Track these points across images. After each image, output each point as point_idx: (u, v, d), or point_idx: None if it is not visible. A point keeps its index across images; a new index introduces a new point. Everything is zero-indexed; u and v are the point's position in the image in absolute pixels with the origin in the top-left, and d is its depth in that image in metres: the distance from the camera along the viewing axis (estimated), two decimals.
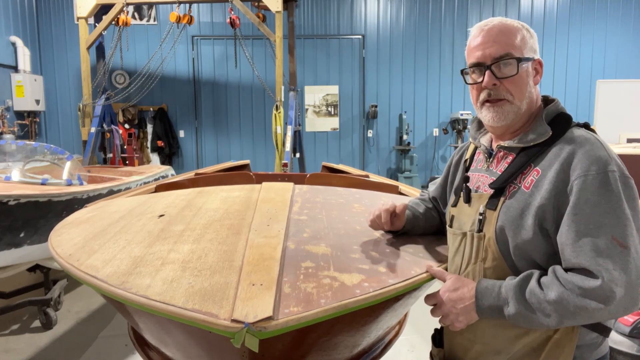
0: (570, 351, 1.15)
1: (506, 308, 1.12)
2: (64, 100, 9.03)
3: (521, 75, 1.21)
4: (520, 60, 1.20)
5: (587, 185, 1.07)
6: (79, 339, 3.53)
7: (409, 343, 3.38)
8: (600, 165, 1.09)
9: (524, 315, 1.10)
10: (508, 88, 1.22)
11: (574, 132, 1.19)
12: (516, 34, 1.22)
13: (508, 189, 1.21)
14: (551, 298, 1.06)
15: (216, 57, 9.05)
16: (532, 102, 1.26)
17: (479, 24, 1.26)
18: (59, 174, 3.92)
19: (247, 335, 0.93)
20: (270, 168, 8.87)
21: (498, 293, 1.14)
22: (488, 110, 1.25)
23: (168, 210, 1.92)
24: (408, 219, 1.60)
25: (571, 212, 1.08)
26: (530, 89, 1.24)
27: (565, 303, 1.04)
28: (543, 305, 1.07)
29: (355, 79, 9.24)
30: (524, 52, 1.22)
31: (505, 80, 1.21)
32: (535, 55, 1.25)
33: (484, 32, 1.23)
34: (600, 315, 1.04)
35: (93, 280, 1.23)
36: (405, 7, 9.13)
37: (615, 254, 1.03)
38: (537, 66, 1.26)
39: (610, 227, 1.05)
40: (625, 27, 9.13)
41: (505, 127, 1.26)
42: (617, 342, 2.51)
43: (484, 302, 1.16)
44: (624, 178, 1.10)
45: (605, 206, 1.06)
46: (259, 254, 1.29)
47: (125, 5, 7.03)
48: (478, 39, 1.24)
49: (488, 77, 1.21)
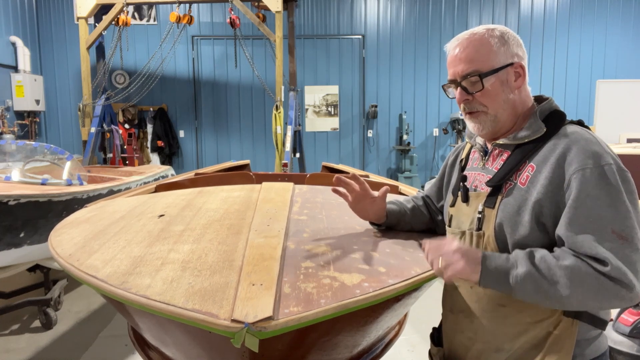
0: (570, 347, 1.15)
1: (514, 270, 1.09)
2: (64, 100, 9.03)
3: (491, 88, 1.24)
4: (485, 75, 1.23)
5: (586, 178, 1.08)
6: (79, 339, 3.53)
7: (409, 343, 3.38)
8: (596, 159, 1.10)
9: (533, 278, 1.07)
10: (480, 101, 1.26)
11: (567, 128, 1.20)
12: (483, 47, 1.24)
13: (505, 186, 1.22)
14: (564, 264, 1.05)
15: (216, 57, 9.05)
16: (516, 105, 1.27)
17: (451, 40, 1.31)
18: (59, 174, 3.92)
19: (247, 335, 0.93)
20: (270, 168, 8.87)
21: (506, 258, 1.13)
22: (469, 120, 1.32)
23: (168, 210, 1.92)
24: (393, 213, 1.60)
25: (572, 205, 1.09)
26: (506, 95, 1.25)
27: (577, 270, 1.04)
28: (553, 271, 1.06)
29: (355, 79, 9.24)
30: (494, 63, 1.23)
31: (477, 94, 1.25)
32: (513, 59, 1.25)
33: (454, 49, 1.29)
34: (608, 291, 1.03)
35: (93, 280, 1.23)
36: (405, 7, 9.13)
37: (617, 247, 1.04)
38: (518, 69, 1.26)
39: (611, 220, 1.05)
40: (625, 27, 9.13)
41: (489, 133, 1.30)
42: (617, 342, 2.51)
43: (491, 263, 1.12)
44: (621, 171, 1.11)
45: (605, 199, 1.07)
46: (259, 254, 1.29)
47: (125, 5, 7.03)
48: (450, 56, 1.30)
49: (459, 95, 1.28)
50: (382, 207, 1.59)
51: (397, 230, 1.65)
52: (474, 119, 1.29)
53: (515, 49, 1.26)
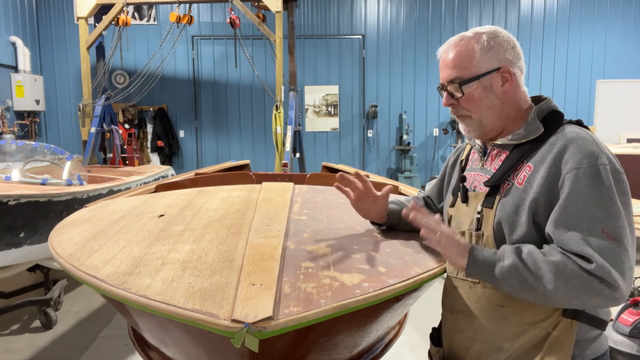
0: (570, 347, 1.16)
1: (500, 262, 1.13)
2: (64, 100, 9.03)
3: (473, 94, 1.27)
4: (466, 82, 1.26)
5: (579, 178, 1.09)
6: (79, 339, 3.53)
7: (409, 343, 3.38)
8: (592, 159, 1.10)
9: (517, 271, 1.09)
10: (464, 106, 1.30)
11: (565, 128, 1.20)
12: (465, 54, 1.27)
13: (503, 186, 1.23)
14: (550, 259, 1.07)
15: (216, 57, 9.05)
16: (504, 110, 1.28)
17: (442, 45, 1.35)
18: (59, 174, 3.92)
19: (247, 335, 0.93)
20: (270, 168, 8.87)
21: (494, 251, 1.17)
22: (459, 122, 1.37)
23: (168, 210, 1.92)
24: (395, 212, 1.61)
25: (562, 204, 1.09)
26: (491, 101, 1.27)
27: (562, 266, 1.06)
28: (539, 265, 1.08)
29: (355, 79, 9.24)
30: (475, 70, 1.25)
31: (461, 99, 1.29)
32: (500, 64, 1.25)
33: (441, 55, 1.33)
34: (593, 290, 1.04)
35: (93, 280, 1.23)
36: (405, 7, 9.13)
37: (606, 246, 1.04)
38: (505, 74, 1.26)
39: (601, 220, 1.06)
40: (625, 27, 9.13)
41: (478, 135, 1.34)
42: (617, 342, 2.51)
43: (479, 253, 1.17)
44: (615, 172, 1.11)
45: (596, 199, 1.07)
46: (259, 254, 1.29)
47: (125, 5, 7.03)
48: (440, 61, 1.34)
49: (445, 99, 1.34)
50: (384, 207, 1.58)
51: (397, 230, 1.65)
52: (462, 122, 1.35)
53: (503, 54, 1.26)
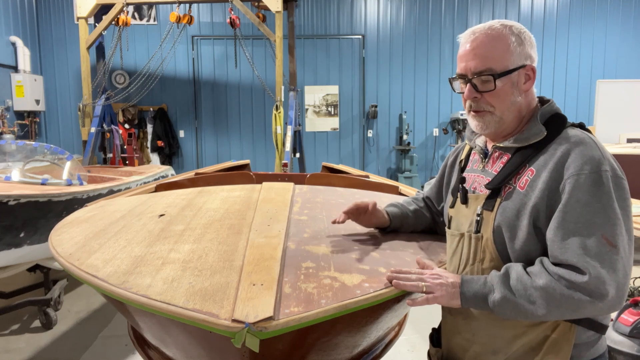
0: (568, 350, 1.15)
1: (491, 295, 1.12)
2: (64, 100, 9.03)
3: (502, 89, 1.21)
4: (499, 76, 1.19)
5: (580, 184, 1.08)
6: (79, 339, 3.53)
7: (409, 343, 3.38)
8: (594, 164, 1.09)
9: (509, 302, 1.10)
10: (489, 100, 1.22)
11: (568, 132, 1.19)
12: (500, 45, 1.20)
13: (504, 190, 1.22)
14: (538, 284, 1.07)
15: (216, 57, 9.05)
16: (521, 108, 1.25)
17: (467, 32, 1.26)
18: (59, 174, 3.92)
19: (248, 335, 0.93)
20: (270, 168, 8.87)
21: (484, 282, 1.15)
22: (473, 118, 1.28)
23: (168, 210, 1.92)
24: (396, 216, 1.63)
25: (562, 209, 1.09)
26: (515, 98, 1.22)
27: (551, 291, 1.05)
28: (529, 292, 1.07)
29: (355, 79, 9.24)
30: (508, 63, 1.20)
31: (486, 93, 1.22)
32: (526, 61, 1.22)
33: (468, 42, 1.23)
34: (586, 308, 1.04)
35: (93, 279, 1.23)
36: (405, 7, 9.13)
37: (604, 252, 1.04)
38: (529, 72, 1.23)
39: (600, 226, 1.05)
40: (625, 27, 9.13)
41: (492, 133, 1.28)
42: (617, 342, 2.50)
43: (469, 289, 1.15)
44: (616, 178, 1.10)
45: (595, 205, 1.06)
46: (260, 254, 1.29)
47: (125, 5, 7.03)
48: (463, 49, 1.25)
49: (468, 92, 1.24)
50: (381, 215, 1.62)
51: (399, 232, 1.66)
52: (479, 118, 1.26)
53: (529, 50, 1.23)
